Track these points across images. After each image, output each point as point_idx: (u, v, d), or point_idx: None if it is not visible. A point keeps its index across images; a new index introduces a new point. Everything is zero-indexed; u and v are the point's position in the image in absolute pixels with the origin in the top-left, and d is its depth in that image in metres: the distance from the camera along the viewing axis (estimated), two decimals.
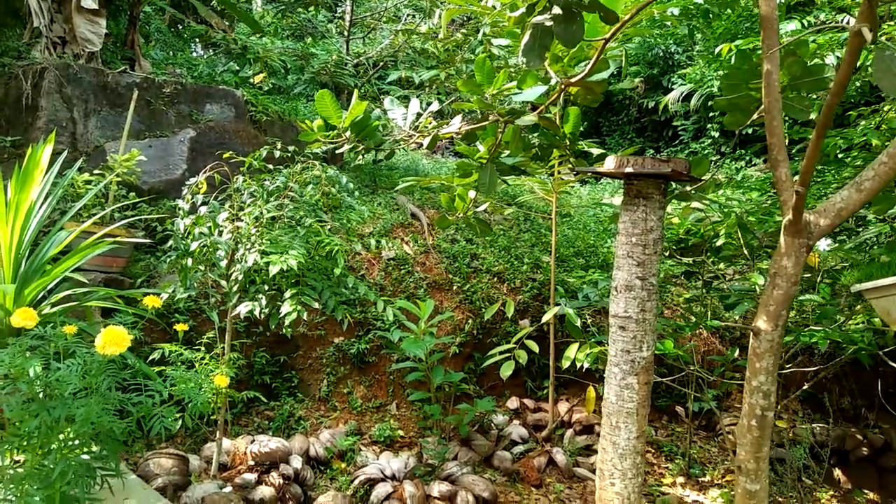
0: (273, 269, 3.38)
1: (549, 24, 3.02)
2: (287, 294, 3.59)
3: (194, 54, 10.45)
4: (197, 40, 10.60)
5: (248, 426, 5.26)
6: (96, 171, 4.78)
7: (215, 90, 6.88)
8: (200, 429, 4.97)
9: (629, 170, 3.23)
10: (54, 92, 5.61)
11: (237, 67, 9.00)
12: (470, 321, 5.86)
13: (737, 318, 4.41)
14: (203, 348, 4.19)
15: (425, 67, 7.85)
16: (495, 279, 6.18)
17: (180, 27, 10.35)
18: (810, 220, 2.95)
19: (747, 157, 10.84)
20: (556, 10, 2.99)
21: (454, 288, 6.04)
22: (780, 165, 2.98)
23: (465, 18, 8.91)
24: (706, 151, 11.09)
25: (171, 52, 9.57)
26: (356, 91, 4.41)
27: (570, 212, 7.84)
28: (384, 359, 5.64)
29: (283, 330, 3.56)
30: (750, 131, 10.67)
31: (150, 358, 3.95)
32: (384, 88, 9.03)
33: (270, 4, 12.57)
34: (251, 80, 8.53)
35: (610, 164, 3.36)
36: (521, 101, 4.28)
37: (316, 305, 3.58)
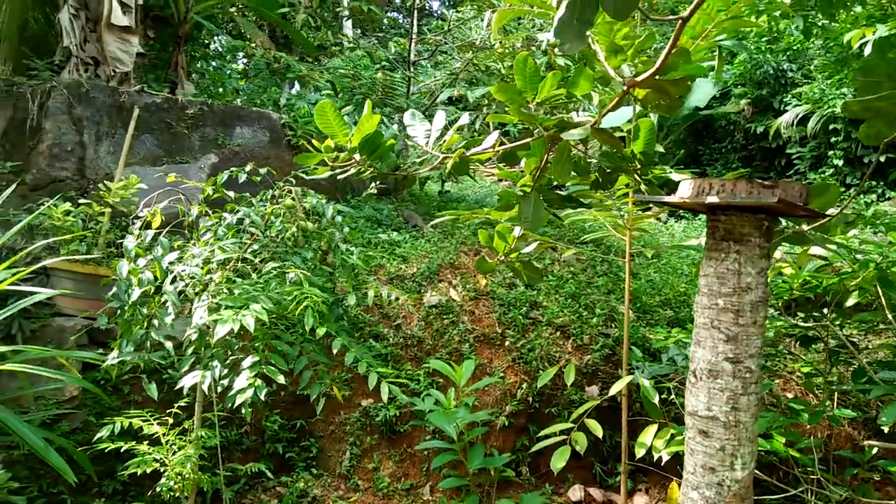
0: (221, 330, 2.54)
1: None
2: (246, 362, 2.73)
3: (295, 90, 10.04)
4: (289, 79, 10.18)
5: None
6: (81, 202, 4.16)
7: (248, 112, 6.26)
8: None
9: (712, 199, 2.16)
10: (61, 113, 5.11)
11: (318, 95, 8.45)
12: (524, 385, 4.81)
13: (885, 427, 3.15)
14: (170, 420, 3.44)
15: (486, 85, 7.00)
16: (558, 333, 5.11)
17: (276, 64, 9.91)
18: None
19: (879, 189, 9.19)
20: None
21: (507, 343, 5.02)
22: None
23: (539, 29, 8.00)
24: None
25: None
26: (368, 103, 3.59)
27: (658, 252, 6.64)
28: (418, 429, 4.68)
29: (237, 410, 2.69)
30: (883, 158, 9.05)
31: (98, 436, 3.22)
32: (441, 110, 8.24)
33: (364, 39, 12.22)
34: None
35: (685, 190, 2.31)
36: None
37: (281, 379, 2.70)
